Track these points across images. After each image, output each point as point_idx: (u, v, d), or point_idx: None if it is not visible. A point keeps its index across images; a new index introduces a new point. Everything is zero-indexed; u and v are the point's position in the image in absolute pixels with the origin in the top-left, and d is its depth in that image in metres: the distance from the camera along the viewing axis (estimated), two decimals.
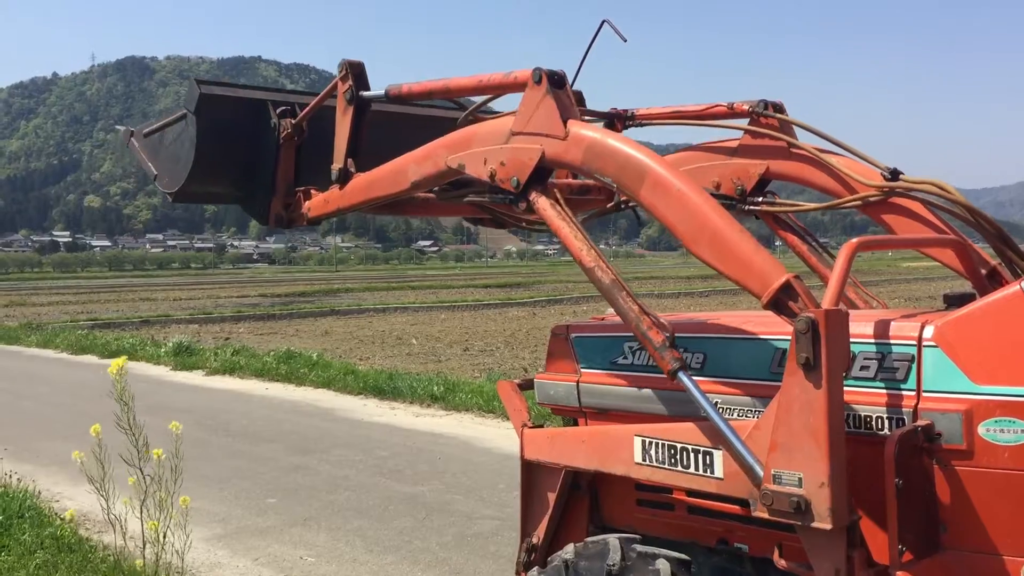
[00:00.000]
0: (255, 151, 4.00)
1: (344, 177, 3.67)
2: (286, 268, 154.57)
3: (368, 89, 3.71)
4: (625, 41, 3.25)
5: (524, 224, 3.68)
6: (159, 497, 4.54)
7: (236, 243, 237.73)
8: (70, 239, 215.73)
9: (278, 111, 3.93)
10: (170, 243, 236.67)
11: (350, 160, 3.67)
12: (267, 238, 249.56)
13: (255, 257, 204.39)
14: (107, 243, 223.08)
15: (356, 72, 3.69)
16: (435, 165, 3.24)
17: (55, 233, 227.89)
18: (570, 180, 3.81)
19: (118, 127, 4.72)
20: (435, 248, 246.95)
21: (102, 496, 4.50)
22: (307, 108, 3.90)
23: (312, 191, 3.88)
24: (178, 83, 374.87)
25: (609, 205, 3.80)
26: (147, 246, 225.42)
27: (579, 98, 3.20)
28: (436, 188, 3.50)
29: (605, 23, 3.28)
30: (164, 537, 4.60)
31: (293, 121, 3.90)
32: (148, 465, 4.69)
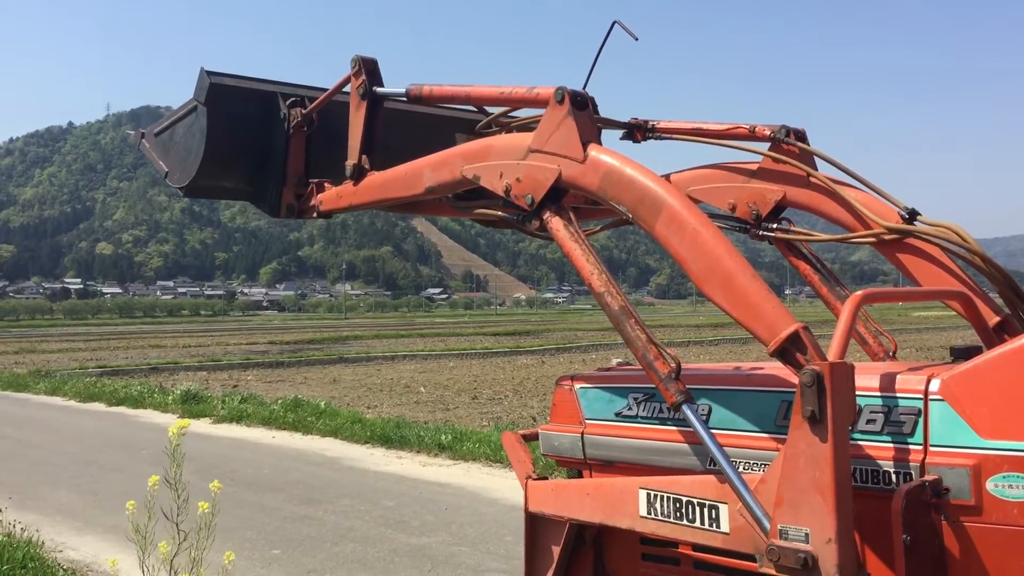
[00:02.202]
0: (265, 143, 4.00)
1: (358, 173, 3.67)
2: (295, 315, 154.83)
3: (381, 85, 3.71)
4: (636, 39, 3.21)
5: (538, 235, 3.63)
6: (192, 556, 4.49)
7: (246, 290, 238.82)
8: (81, 286, 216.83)
9: (288, 102, 3.93)
10: (180, 290, 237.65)
11: (364, 157, 3.67)
12: (277, 285, 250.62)
13: (265, 304, 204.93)
14: (118, 290, 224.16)
15: (369, 68, 3.69)
16: (451, 173, 3.24)
17: (67, 280, 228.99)
18: None
19: (129, 131, 4.77)
20: (444, 296, 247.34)
21: (140, 550, 4.46)
22: (318, 100, 3.90)
23: (326, 184, 3.88)
24: None
25: (622, 217, 3.77)
26: (157, 293, 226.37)
27: (591, 103, 3.18)
28: (450, 195, 3.49)
29: (616, 24, 3.23)
30: None
31: (304, 111, 3.90)
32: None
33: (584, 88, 3.04)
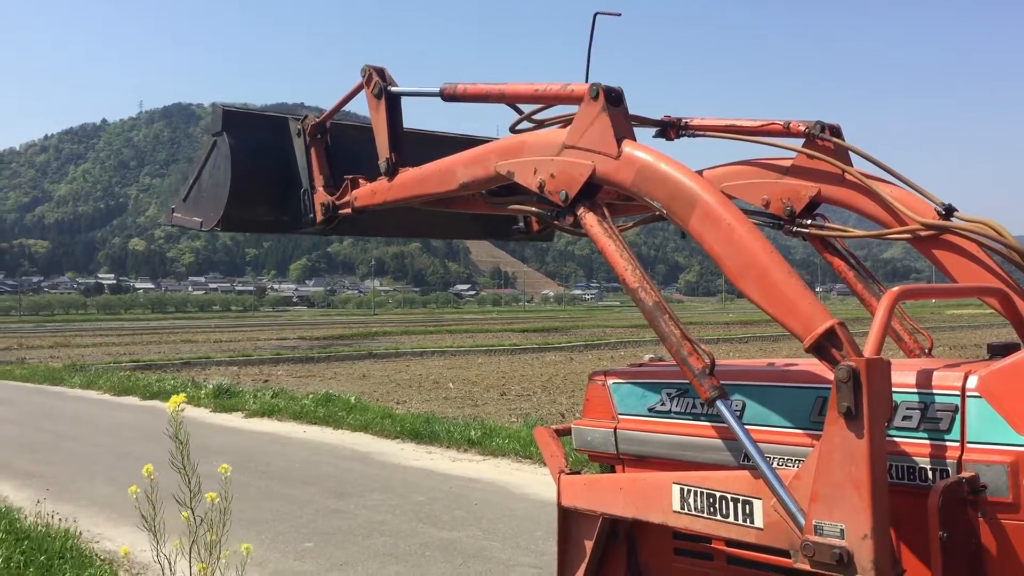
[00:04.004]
0: (287, 166, 4.11)
1: (392, 169, 3.73)
2: (324, 311, 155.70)
3: (395, 86, 3.82)
4: (619, 15, 3.29)
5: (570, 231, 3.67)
6: (208, 539, 4.55)
7: (276, 286, 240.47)
8: (115, 281, 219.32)
9: (302, 119, 4.11)
10: (211, 286, 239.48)
11: (394, 154, 3.73)
12: (307, 281, 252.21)
13: (294, 300, 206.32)
14: (150, 285, 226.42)
15: (379, 73, 3.83)
16: (484, 169, 3.27)
17: (100, 275, 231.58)
18: None
19: (161, 222, 4.91)
20: (472, 292, 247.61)
21: (153, 536, 4.54)
22: (332, 107, 4.03)
23: (360, 180, 3.92)
24: None
25: (656, 213, 3.76)
26: (189, 288, 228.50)
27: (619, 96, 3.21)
28: (484, 191, 3.53)
29: (597, 15, 3.31)
30: None
31: (316, 120, 4.04)
32: (198, 507, 4.72)
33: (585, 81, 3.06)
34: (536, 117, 3.51)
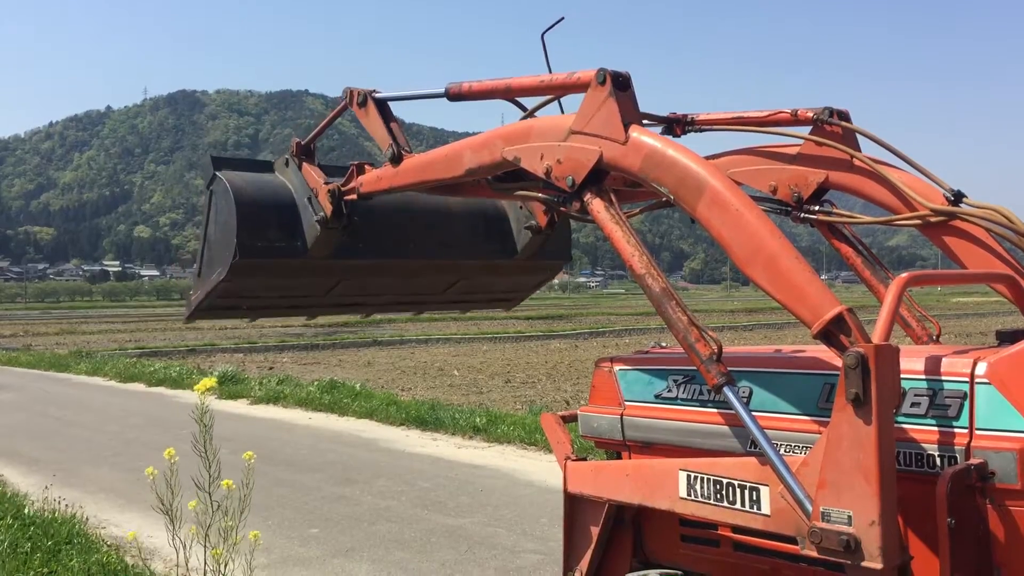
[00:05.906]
0: (286, 196, 4.17)
1: (396, 156, 3.74)
2: None
3: (378, 93, 3.91)
4: (563, 19, 3.50)
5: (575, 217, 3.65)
6: (224, 525, 4.58)
7: None
8: (120, 268, 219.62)
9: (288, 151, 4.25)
10: None
11: (395, 143, 3.76)
12: None
13: None
14: (155, 272, 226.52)
15: (359, 89, 3.95)
16: (491, 155, 3.26)
17: (105, 262, 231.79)
18: None
19: (184, 320, 5.03)
20: None
21: (169, 520, 4.57)
22: (318, 127, 4.16)
23: (366, 167, 3.95)
24: (227, 116, 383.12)
25: (663, 199, 3.74)
26: None
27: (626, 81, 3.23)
28: (490, 177, 3.53)
29: (544, 35, 3.50)
30: (225, 567, 4.64)
31: (302, 141, 4.16)
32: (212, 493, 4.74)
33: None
34: (539, 114, 3.51)
